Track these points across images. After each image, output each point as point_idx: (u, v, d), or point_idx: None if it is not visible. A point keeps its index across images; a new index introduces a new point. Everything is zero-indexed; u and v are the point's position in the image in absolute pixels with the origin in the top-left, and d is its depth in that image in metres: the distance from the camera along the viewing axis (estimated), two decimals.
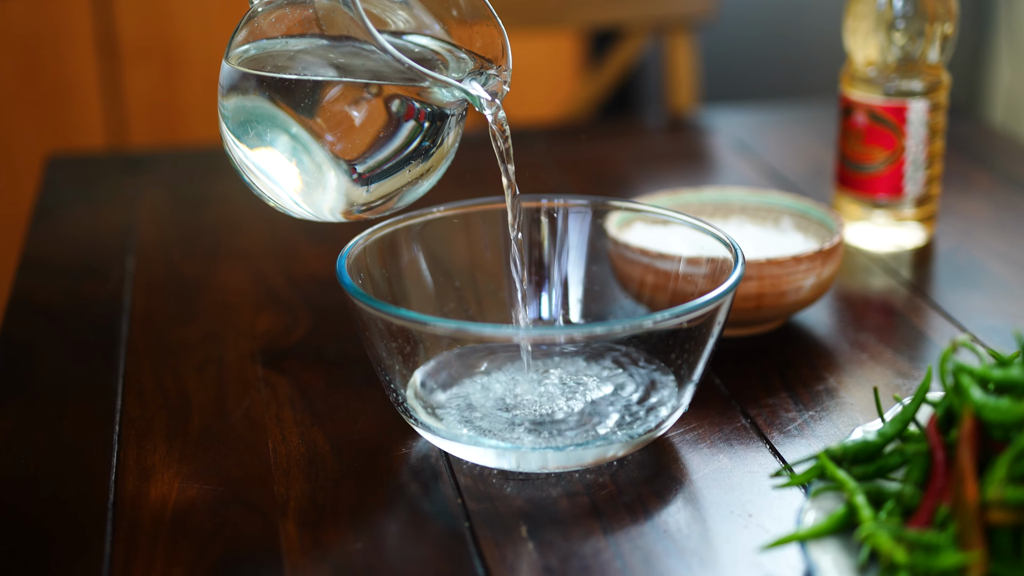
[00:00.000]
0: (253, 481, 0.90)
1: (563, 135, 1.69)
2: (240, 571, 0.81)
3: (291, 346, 1.09)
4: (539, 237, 1.04)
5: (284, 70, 0.89)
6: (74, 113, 2.35)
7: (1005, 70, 2.77)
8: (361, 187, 0.91)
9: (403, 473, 0.91)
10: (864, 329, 1.11)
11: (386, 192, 0.92)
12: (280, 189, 0.91)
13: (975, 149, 1.55)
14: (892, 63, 1.22)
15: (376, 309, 0.87)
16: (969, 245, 1.28)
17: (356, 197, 0.91)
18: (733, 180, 1.46)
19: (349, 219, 0.93)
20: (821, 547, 0.76)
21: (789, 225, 1.16)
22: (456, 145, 0.94)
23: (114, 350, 1.08)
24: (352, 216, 0.93)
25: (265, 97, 0.89)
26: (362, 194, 0.91)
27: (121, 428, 0.96)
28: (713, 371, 1.03)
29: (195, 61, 2.37)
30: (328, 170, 0.90)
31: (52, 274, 1.24)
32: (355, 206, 0.92)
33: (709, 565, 0.81)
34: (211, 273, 1.24)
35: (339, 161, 0.89)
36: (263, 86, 0.89)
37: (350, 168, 0.90)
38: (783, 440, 0.94)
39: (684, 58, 2.00)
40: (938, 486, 0.76)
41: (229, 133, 0.91)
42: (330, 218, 0.93)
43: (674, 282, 1.02)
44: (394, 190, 0.92)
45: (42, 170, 1.54)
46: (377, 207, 0.93)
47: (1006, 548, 0.72)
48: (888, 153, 1.23)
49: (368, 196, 0.91)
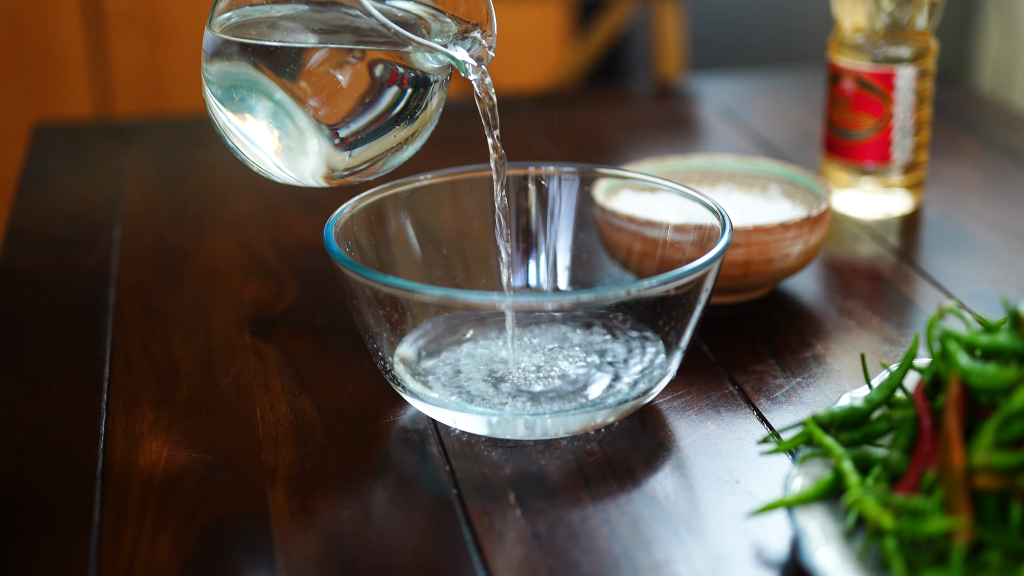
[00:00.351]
0: (241, 449, 0.90)
1: (551, 103, 1.68)
2: (228, 538, 0.81)
3: (279, 314, 1.09)
4: (527, 204, 1.04)
5: (267, 36, 0.89)
6: (60, 82, 2.35)
7: (993, 36, 2.77)
8: (343, 152, 0.90)
9: (391, 441, 0.91)
10: (851, 296, 1.11)
11: (369, 157, 0.92)
12: (263, 153, 0.91)
13: (963, 116, 1.55)
14: (880, 29, 1.21)
15: (363, 277, 0.87)
16: (956, 212, 1.28)
17: (338, 162, 0.91)
18: (721, 147, 1.46)
19: (331, 184, 0.93)
20: (808, 513, 0.77)
21: (777, 192, 1.16)
22: (440, 110, 0.94)
23: (101, 319, 1.08)
24: (334, 181, 0.93)
25: (248, 63, 0.89)
26: (344, 159, 0.91)
27: (109, 397, 0.96)
28: (701, 338, 1.03)
29: (181, 29, 2.36)
30: (310, 135, 0.89)
31: (39, 243, 1.24)
32: (337, 171, 0.92)
33: (696, 531, 0.81)
34: (198, 241, 1.24)
35: (321, 126, 0.89)
36: (246, 52, 0.89)
37: (332, 133, 0.90)
38: (770, 407, 0.94)
39: (672, 25, 2.00)
40: (925, 452, 0.76)
41: (213, 98, 0.91)
42: (312, 183, 0.93)
43: (662, 249, 1.02)
44: (377, 155, 0.92)
45: (28, 139, 1.53)
46: (360, 172, 0.93)
47: (992, 513, 0.72)
48: (876, 120, 1.23)
49: (350, 161, 0.91)
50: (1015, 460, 0.71)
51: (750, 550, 0.79)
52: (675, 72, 2.00)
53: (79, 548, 0.80)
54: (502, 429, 0.88)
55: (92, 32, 2.33)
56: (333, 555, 0.79)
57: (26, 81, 2.33)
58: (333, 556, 0.79)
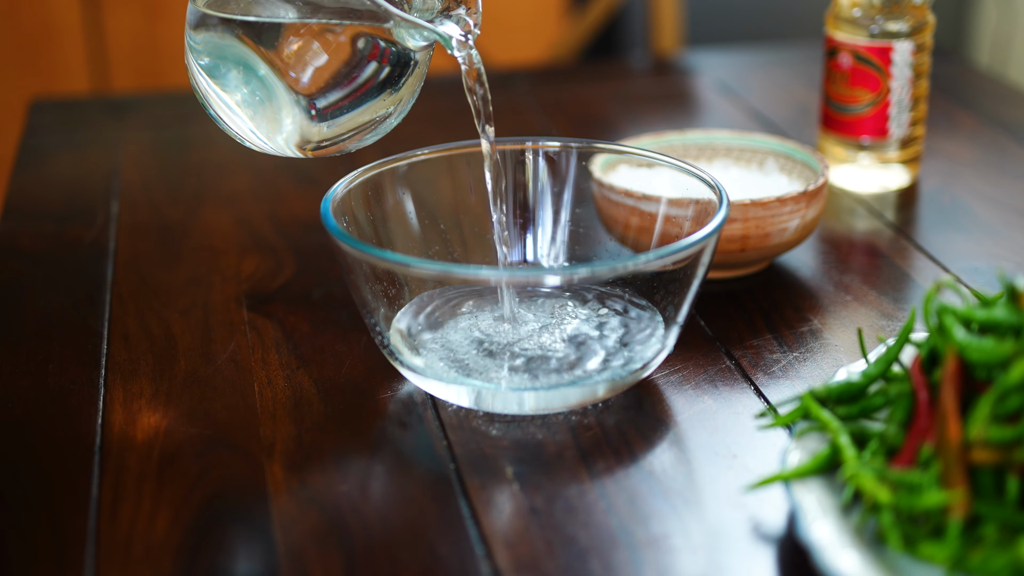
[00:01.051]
0: (239, 424, 0.90)
1: (547, 78, 1.68)
2: (227, 513, 0.81)
3: (276, 289, 1.09)
4: (523, 179, 1.04)
5: (250, 8, 0.89)
6: (57, 57, 2.34)
7: (991, 11, 2.76)
8: (319, 123, 0.91)
9: (389, 415, 0.91)
10: (848, 271, 1.11)
11: (345, 131, 0.92)
12: (241, 121, 0.91)
13: (960, 90, 1.55)
14: (877, 4, 1.21)
15: (361, 252, 0.87)
16: (953, 186, 1.28)
17: (313, 133, 0.91)
18: (718, 122, 1.46)
19: (305, 155, 0.93)
20: (805, 487, 0.77)
21: (774, 167, 1.15)
22: (420, 85, 0.94)
23: (99, 294, 1.08)
24: (308, 152, 0.93)
25: (231, 34, 0.89)
26: (320, 130, 0.91)
27: (107, 372, 0.96)
28: (698, 313, 1.03)
29: (177, 4, 2.36)
30: (288, 105, 0.90)
31: (36, 218, 1.24)
32: (312, 142, 0.92)
33: (693, 505, 0.81)
34: (196, 217, 1.24)
35: (299, 97, 0.89)
36: (229, 24, 0.89)
37: (309, 104, 0.90)
38: (767, 381, 0.94)
39: (668, 0, 1.99)
40: (921, 426, 0.76)
41: (195, 64, 0.91)
42: (288, 152, 0.93)
43: (659, 224, 1.02)
44: (353, 128, 0.92)
45: (25, 114, 1.53)
46: (336, 144, 0.92)
47: (989, 487, 0.73)
48: (873, 94, 1.23)
49: (327, 132, 0.91)
50: (1011, 434, 0.72)
51: (747, 524, 0.79)
52: (672, 47, 2.00)
53: (77, 523, 0.80)
54: (499, 403, 0.89)
55: (88, 7, 2.32)
56: (330, 529, 0.80)
57: (23, 57, 2.33)
58: (330, 530, 0.79)
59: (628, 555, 0.77)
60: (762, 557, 0.77)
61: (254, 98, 0.90)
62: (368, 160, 0.98)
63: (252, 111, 0.91)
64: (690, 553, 0.77)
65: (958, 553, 0.71)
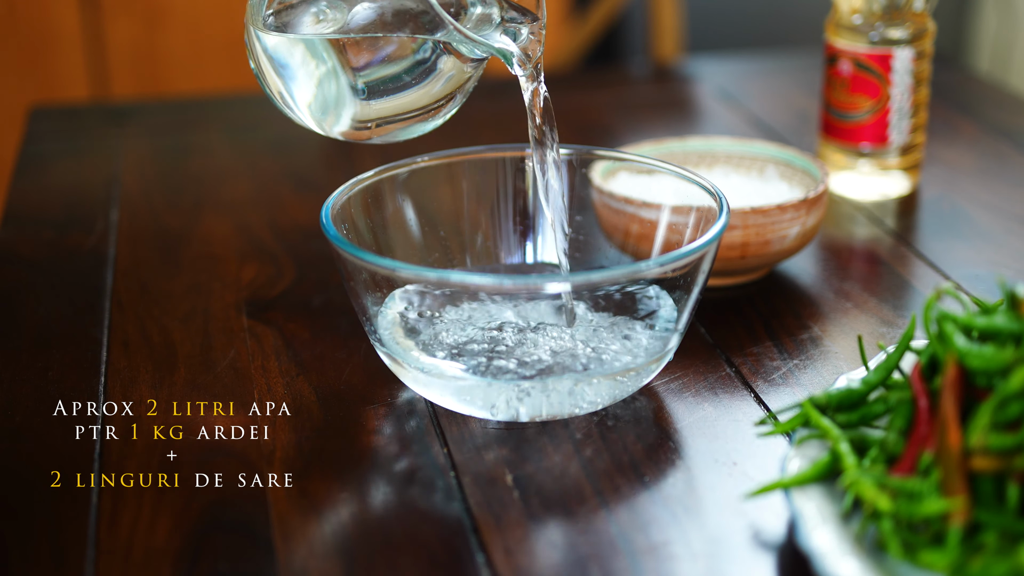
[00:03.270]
0: (239, 431, 0.90)
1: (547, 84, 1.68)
2: (227, 521, 0.81)
3: (276, 296, 1.09)
4: (523, 186, 1.04)
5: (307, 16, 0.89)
6: (57, 64, 2.34)
7: (991, 18, 2.77)
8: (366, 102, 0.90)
9: (389, 422, 0.91)
10: (848, 278, 1.11)
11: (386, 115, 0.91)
12: (293, 101, 0.91)
13: (960, 98, 1.55)
14: (877, 11, 1.21)
15: (361, 259, 0.87)
16: (954, 194, 1.28)
17: (363, 114, 0.91)
18: (718, 129, 1.46)
19: (349, 138, 0.93)
20: (805, 495, 0.77)
21: (774, 174, 1.15)
22: (471, 88, 0.94)
23: (99, 301, 1.08)
24: (352, 134, 0.92)
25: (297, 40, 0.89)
26: (369, 112, 0.91)
27: (107, 379, 0.96)
28: (698, 320, 1.03)
29: (177, 11, 2.36)
30: (344, 94, 0.90)
31: (36, 225, 1.24)
32: (363, 122, 0.92)
33: (693, 513, 0.81)
34: (195, 224, 1.24)
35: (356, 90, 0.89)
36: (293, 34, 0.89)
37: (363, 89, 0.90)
38: (767, 388, 0.94)
39: (669, 7, 1.99)
40: (922, 433, 0.76)
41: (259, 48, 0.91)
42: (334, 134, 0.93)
43: (659, 231, 1.02)
44: (395, 115, 0.92)
45: (25, 122, 1.53)
46: (375, 129, 0.92)
47: (989, 495, 0.73)
48: (873, 102, 1.23)
49: (373, 115, 0.91)
50: (1012, 441, 0.72)
51: (747, 532, 0.79)
52: (672, 54, 2.00)
53: (77, 530, 0.80)
54: (499, 410, 0.88)
55: (88, 14, 2.32)
56: (330, 537, 0.80)
57: (22, 64, 2.33)
58: (330, 538, 0.79)
59: (628, 562, 0.77)
60: (762, 565, 0.77)
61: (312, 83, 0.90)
62: (368, 167, 0.98)
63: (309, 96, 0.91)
64: (690, 560, 0.77)
65: (958, 561, 0.71)
